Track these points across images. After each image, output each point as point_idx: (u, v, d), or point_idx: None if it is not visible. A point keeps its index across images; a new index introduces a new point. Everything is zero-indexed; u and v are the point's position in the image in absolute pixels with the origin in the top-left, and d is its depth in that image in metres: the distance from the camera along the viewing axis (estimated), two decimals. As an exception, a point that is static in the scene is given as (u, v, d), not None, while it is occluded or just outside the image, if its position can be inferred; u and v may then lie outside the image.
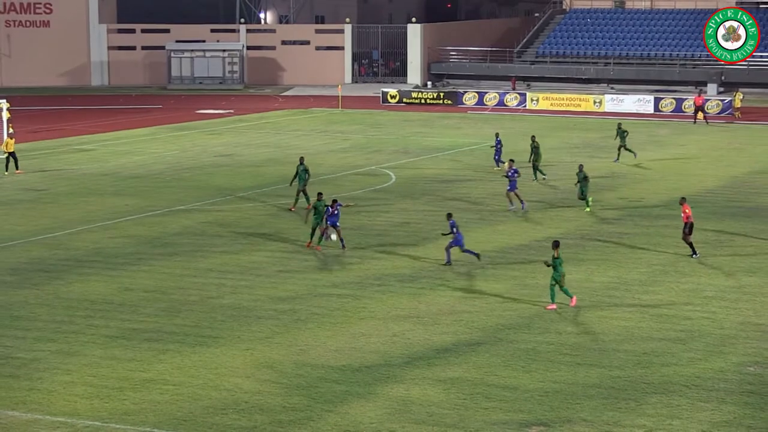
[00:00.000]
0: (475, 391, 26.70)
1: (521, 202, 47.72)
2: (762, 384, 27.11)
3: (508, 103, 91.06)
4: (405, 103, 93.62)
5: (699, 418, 24.97)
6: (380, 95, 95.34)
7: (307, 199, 47.05)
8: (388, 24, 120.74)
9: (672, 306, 33.81)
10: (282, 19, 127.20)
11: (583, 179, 47.66)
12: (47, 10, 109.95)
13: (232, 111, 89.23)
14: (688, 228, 39.37)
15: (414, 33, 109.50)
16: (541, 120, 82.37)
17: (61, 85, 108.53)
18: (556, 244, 33.70)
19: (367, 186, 53.49)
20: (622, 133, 61.22)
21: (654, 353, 29.38)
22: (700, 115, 79.68)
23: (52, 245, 42.16)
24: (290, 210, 47.68)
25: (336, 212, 40.32)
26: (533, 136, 56.58)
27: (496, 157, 58.81)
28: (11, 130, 61.19)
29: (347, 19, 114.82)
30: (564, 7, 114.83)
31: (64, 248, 41.69)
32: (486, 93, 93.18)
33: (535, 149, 55.36)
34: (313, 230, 41.32)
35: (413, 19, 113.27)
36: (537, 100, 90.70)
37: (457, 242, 38.55)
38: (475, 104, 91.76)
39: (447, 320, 32.38)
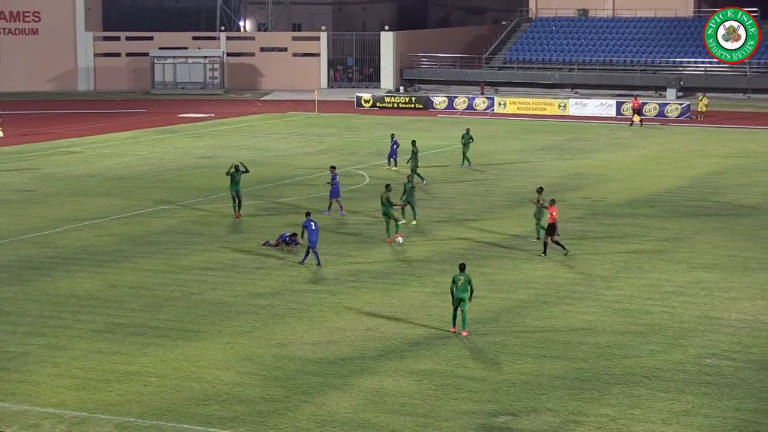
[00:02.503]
0: (445, 382, 27.19)
1: (341, 208, 47.73)
2: (718, 375, 27.69)
3: (477, 107, 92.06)
4: (378, 107, 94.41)
5: (659, 407, 25.59)
6: (355, 100, 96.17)
7: (239, 205, 47.17)
8: (362, 32, 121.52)
9: (633, 301, 34.35)
10: (260, 27, 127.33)
11: (410, 189, 45.41)
12: (36, 19, 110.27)
13: (213, 115, 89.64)
14: (552, 229, 39.60)
15: (387, 40, 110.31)
16: (508, 123, 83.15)
17: (49, 90, 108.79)
18: (461, 267, 31.42)
19: (342, 187, 53.73)
20: (467, 140, 61.13)
21: (616, 346, 29.91)
22: (636, 117, 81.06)
23: (40, 243, 42.51)
24: (237, 217, 47.10)
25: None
26: (413, 141, 56.93)
27: (394, 157, 59.85)
28: None
29: (323, 27, 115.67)
30: (530, 15, 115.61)
31: (52, 246, 42.04)
32: (456, 97, 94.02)
33: (414, 154, 55.50)
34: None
35: (386, 27, 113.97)
36: (504, 104, 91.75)
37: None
38: (445, 108, 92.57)
39: (419, 315, 32.83)
